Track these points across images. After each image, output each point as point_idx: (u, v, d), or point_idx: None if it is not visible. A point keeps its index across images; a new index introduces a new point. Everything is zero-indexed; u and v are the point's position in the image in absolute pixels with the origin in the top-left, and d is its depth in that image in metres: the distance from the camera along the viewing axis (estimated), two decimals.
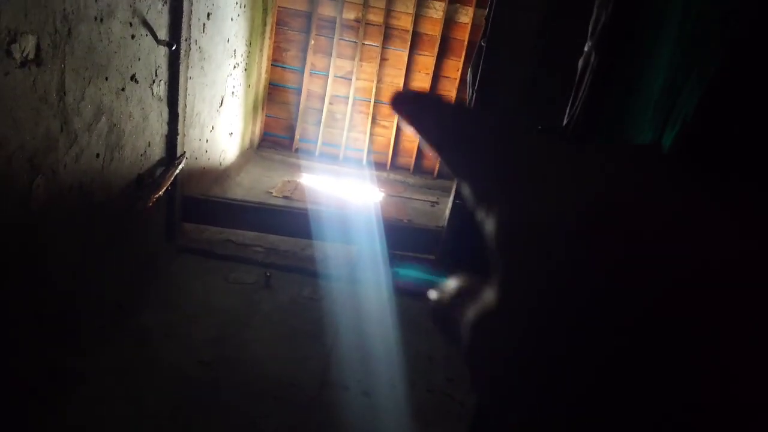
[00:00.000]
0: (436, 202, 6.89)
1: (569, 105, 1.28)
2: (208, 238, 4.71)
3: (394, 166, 7.76)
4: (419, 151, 7.65)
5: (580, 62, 1.17)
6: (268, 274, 4.35)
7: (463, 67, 7.12)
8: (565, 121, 1.17)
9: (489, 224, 0.21)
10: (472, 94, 4.11)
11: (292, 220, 4.75)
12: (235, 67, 5.84)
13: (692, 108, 0.70)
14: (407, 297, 4.47)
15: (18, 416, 2.61)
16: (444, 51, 7.30)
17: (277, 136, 7.78)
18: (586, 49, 1.16)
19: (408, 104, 0.27)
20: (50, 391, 2.81)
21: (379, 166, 7.72)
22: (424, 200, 6.95)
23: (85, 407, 2.83)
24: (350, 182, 7.20)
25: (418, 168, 7.73)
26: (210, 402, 3.06)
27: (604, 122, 1.07)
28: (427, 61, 7.34)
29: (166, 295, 3.92)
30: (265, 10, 6.74)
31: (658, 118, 0.78)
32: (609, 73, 1.01)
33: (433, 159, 7.64)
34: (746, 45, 0.60)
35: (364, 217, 5.01)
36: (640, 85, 0.89)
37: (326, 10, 7.25)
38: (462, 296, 0.24)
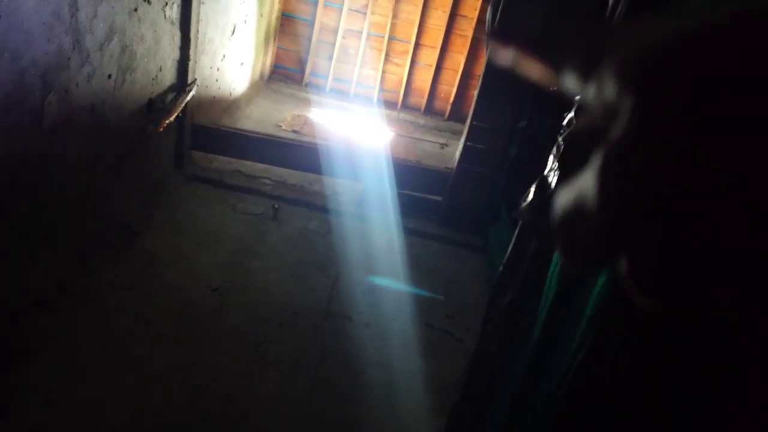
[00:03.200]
0: (446, 144, 6.85)
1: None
2: (217, 168, 4.72)
3: (405, 106, 7.67)
4: (432, 91, 7.54)
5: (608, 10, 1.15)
6: (275, 206, 4.38)
7: (481, 7, 6.92)
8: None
9: (609, 74, 0.22)
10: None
11: (301, 154, 4.75)
12: None
13: None
14: (414, 236, 4.51)
15: (28, 327, 2.70)
16: None
17: (287, 69, 7.66)
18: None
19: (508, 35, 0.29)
20: (59, 304, 2.89)
21: (390, 104, 7.63)
22: (434, 141, 6.91)
23: (92, 321, 2.92)
24: (360, 120, 7.14)
25: (429, 108, 7.64)
26: (216, 325, 3.15)
27: None
28: None
29: (174, 220, 3.97)
30: None
31: None
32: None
33: (445, 100, 7.51)
34: None
35: (372, 155, 5.00)
36: None
37: None
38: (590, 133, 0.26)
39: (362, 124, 6.99)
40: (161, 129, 3.58)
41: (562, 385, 1.28)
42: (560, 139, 2.00)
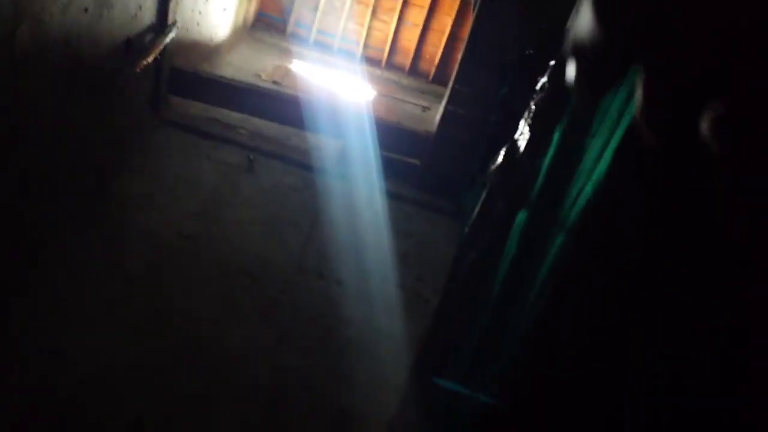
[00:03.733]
0: (428, 108, 6.80)
1: None
2: (194, 115, 4.62)
3: (390, 65, 7.57)
4: (417, 51, 7.44)
5: None
6: (251, 157, 4.33)
7: None
8: None
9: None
10: None
11: (280, 106, 4.67)
12: None
13: None
14: (390, 198, 4.52)
15: (1, 272, 2.66)
16: None
17: (271, 17, 7.46)
18: None
19: None
20: (31, 244, 2.84)
21: (374, 62, 7.52)
22: (416, 104, 6.86)
23: (64, 263, 2.89)
24: (342, 75, 7.03)
25: (414, 70, 7.55)
26: (189, 272, 3.14)
27: None
28: None
29: (148, 165, 3.89)
30: None
31: None
32: None
33: (430, 62, 7.43)
34: None
35: (353, 113, 4.95)
36: None
37: None
38: None
39: (344, 80, 6.89)
40: (139, 69, 3.47)
41: (524, 335, 1.33)
42: (532, 103, 2.01)
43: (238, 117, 4.75)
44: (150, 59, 3.58)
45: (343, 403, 2.72)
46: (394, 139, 4.82)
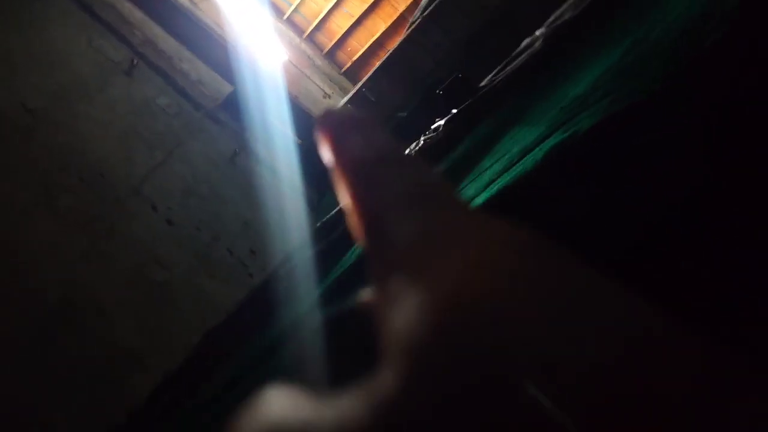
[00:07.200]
0: (330, 96, 6.79)
1: (495, 72, 1.35)
2: None
3: (311, 40, 7.47)
4: (342, 40, 7.42)
5: (526, 41, 1.23)
6: (135, 62, 4.02)
7: None
8: (484, 83, 1.23)
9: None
10: None
11: (186, 26, 4.41)
12: None
13: (588, 126, 0.79)
14: (261, 163, 4.42)
15: None
16: None
17: None
18: (537, 33, 1.22)
19: (338, 124, 0.22)
20: None
21: (298, 30, 7.38)
22: (320, 87, 6.81)
23: None
24: (263, 26, 6.79)
25: (332, 55, 7.52)
26: (18, 150, 2.82)
27: (516, 98, 1.15)
28: None
29: (22, 21, 3.46)
30: None
31: (557, 119, 0.87)
32: (545, 61, 1.08)
33: (349, 55, 7.45)
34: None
35: (257, 66, 4.80)
36: (562, 84, 0.97)
37: None
38: None
39: (262, 32, 6.67)
40: None
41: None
42: (422, 137, 2.10)
43: (139, 17, 4.39)
44: None
45: (128, 344, 2.59)
46: (286, 110, 4.74)
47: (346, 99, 4.63)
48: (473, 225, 0.18)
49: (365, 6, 7.25)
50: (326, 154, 0.22)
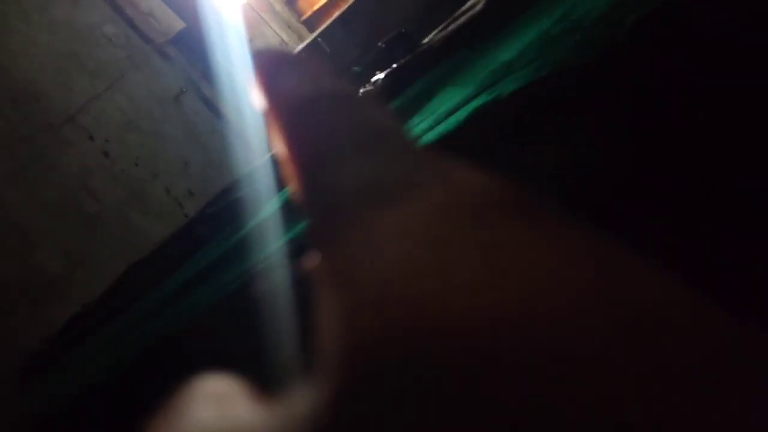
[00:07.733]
0: (286, 43, 6.65)
1: (437, 31, 1.39)
2: None
3: None
4: None
5: (470, 1, 1.29)
6: None
7: None
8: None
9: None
10: None
11: None
12: None
13: (511, 90, 0.84)
14: (207, 105, 4.34)
15: None
16: None
17: None
18: None
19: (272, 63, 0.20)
20: None
21: None
22: (278, 34, 6.67)
23: None
24: None
25: (293, 1, 7.33)
26: None
27: (451, 58, 1.20)
28: None
29: None
30: None
31: (485, 81, 0.93)
32: (482, 23, 1.14)
33: (310, 4, 7.28)
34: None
35: (210, 3, 4.64)
36: (495, 49, 1.03)
37: None
38: None
39: None
40: None
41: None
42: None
43: None
44: None
45: (51, 272, 2.56)
46: (238, 53, 4.63)
47: (300, 47, 4.57)
48: (435, 172, 0.15)
49: None
50: (259, 95, 0.19)
